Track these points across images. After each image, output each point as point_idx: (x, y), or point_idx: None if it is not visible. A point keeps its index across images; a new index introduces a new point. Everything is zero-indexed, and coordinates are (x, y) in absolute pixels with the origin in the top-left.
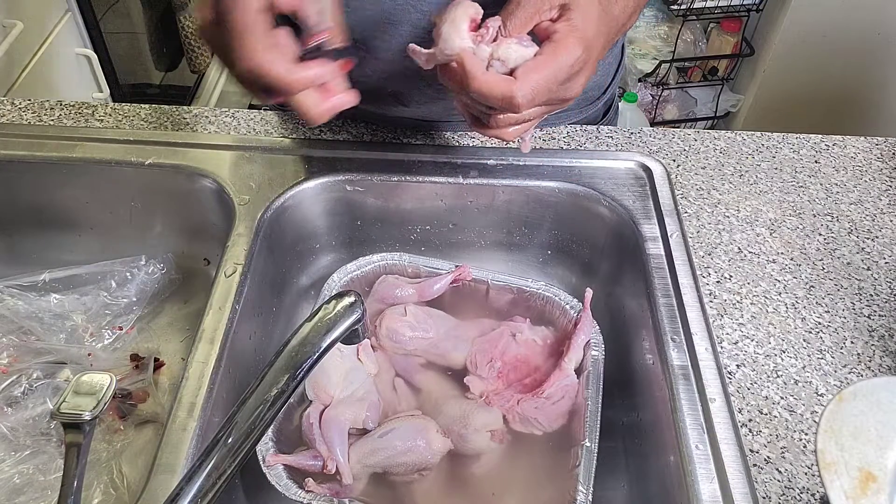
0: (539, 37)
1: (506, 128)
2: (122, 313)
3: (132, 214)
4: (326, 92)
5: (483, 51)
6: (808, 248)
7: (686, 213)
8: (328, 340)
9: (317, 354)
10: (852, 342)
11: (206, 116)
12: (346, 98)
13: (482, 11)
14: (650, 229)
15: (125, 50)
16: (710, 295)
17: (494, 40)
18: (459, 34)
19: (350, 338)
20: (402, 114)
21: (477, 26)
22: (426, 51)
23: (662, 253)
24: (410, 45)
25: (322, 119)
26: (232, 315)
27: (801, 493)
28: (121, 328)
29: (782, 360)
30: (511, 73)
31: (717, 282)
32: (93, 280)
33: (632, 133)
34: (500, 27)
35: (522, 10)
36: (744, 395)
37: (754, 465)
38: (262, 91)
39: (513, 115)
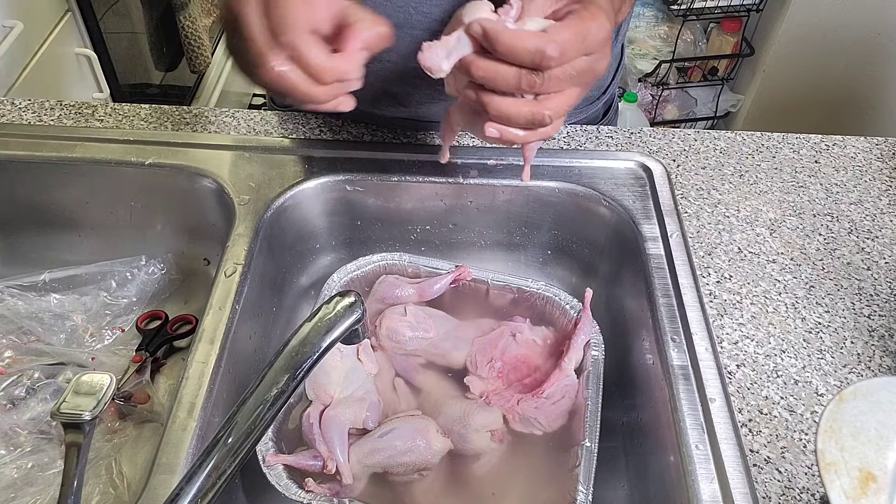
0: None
1: (534, 108)
2: (123, 313)
3: (132, 214)
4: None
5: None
6: (808, 248)
7: (686, 213)
8: (328, 340)
9: (317, 354)
10: (852, 342)
11: (206, 116)
12: (348, 101)
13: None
14: (650, 229)
15: (125, 50)
16: (710, 295)
17: (518, 20)
18: (482, 10)
19: (350, 338)
20: (402, 114)
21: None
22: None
23: (662, 253)
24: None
25: (321, 101)
26: (232, 315)
27: (801, 493)
28: (122, 329)
29: (782, 360)
30: None
31: (717, 282)
32: (93, 280)
33: (632, 133)
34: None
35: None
36: (744, 395)
37: (754, 465)
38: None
39: (545, 75)
